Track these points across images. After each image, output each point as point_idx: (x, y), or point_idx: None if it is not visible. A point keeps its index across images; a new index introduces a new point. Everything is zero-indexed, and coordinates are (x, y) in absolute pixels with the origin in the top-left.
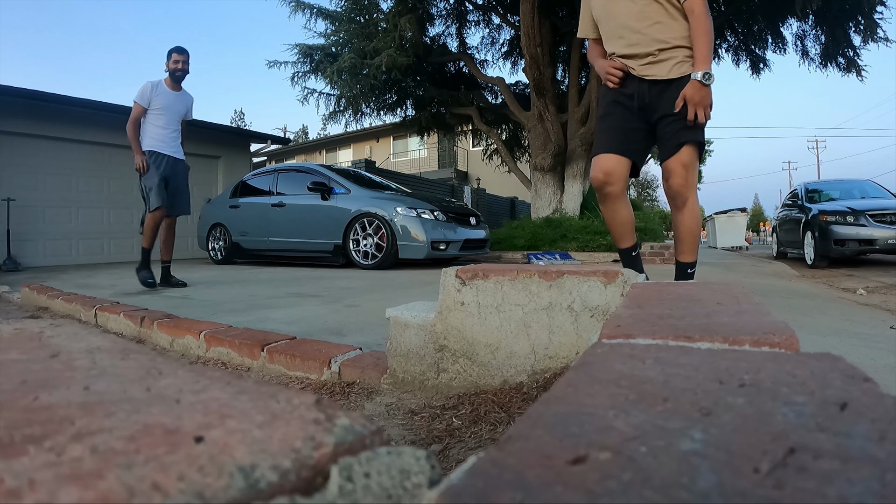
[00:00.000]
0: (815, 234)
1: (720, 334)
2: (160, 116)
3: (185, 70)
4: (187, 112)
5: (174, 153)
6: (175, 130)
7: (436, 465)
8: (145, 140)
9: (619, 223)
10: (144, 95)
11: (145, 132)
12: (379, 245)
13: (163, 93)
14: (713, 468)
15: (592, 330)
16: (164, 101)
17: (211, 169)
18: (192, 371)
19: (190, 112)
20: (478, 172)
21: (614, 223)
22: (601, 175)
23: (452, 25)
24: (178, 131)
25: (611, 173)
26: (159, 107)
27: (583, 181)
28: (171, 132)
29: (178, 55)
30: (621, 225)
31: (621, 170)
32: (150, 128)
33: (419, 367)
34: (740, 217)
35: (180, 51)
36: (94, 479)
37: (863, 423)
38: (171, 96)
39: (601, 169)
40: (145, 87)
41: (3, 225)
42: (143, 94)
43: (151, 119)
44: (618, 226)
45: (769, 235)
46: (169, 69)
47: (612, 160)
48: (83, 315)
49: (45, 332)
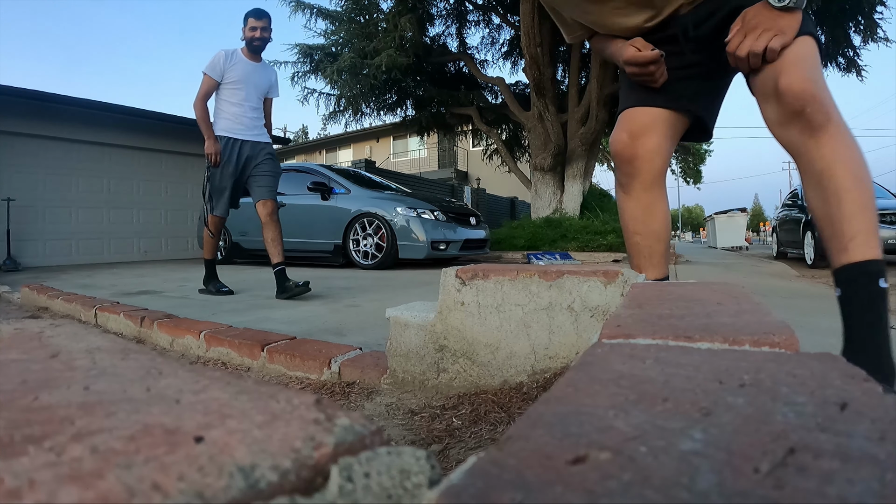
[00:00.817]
0: (816, 234)
1: (720, 334)
2: (236, 91)
3: (264, 38)
4: (271, 87)
5: (254, 136)
6: (255, 108)
7: (436, 465)
8: (218, 122)
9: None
10: (216, 66)
11: (218, 112)
12: (379, 245)
13: (239, 63)
14: (713, 468)
15: (592, 330)
16: (241, 72)
17: None
18: (192, 371)
19: (275, 88)
20: (478, 172)
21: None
22: (625, 137)
23: (452, 25)
24: (261, 110)
25: (641, 135)
26: (235, 80)
27: (583, 181)
28: (251, 110)
29: (255, 20)
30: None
31: (661, 133)
32: (224, 106)
33: (419, 367)
34: (740, 217)
35: (259, 14)
36: (94, 479)
37: (863, 423)
38: (249, 67)
39: (627, 128)
40: (217, 57)
41: (3, 225)
42: (214, 64)
43: (226, 95)
44: (644, 235)
45: (769, 235)
46: (245, 37)
47: (648, 115)
48: (83, 315)
49: (45, 332)
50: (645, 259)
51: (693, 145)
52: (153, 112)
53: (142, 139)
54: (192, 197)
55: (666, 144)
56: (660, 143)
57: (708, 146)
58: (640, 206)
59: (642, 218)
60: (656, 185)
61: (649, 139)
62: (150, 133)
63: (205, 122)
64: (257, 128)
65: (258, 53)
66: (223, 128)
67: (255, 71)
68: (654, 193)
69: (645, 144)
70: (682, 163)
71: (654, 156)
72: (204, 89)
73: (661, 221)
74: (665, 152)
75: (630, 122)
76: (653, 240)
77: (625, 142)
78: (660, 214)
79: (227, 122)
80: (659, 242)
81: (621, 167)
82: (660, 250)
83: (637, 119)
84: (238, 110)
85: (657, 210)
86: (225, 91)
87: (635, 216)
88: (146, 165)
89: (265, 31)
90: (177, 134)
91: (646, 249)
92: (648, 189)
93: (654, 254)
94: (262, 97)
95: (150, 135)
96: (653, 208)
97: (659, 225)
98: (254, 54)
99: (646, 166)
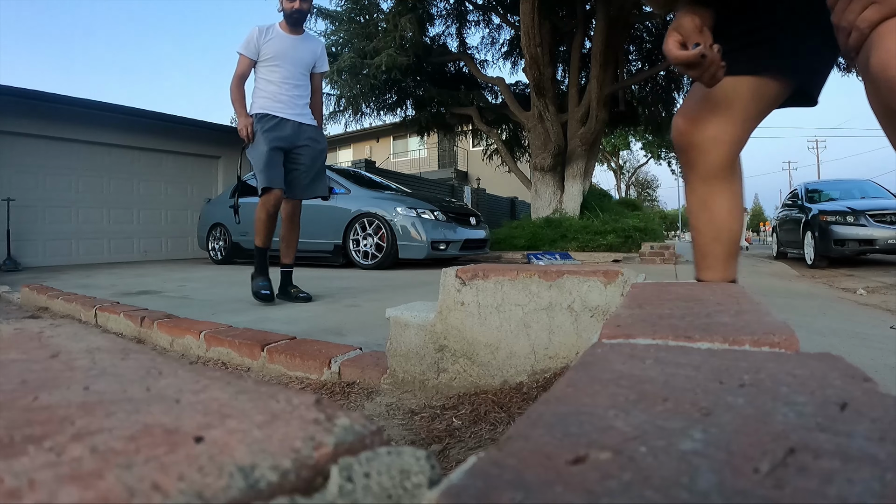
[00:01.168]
0: (815, 234)
1: (720, 334)
2: (275, 69)
3: (303, 9)
4: (316, 61)
5: (296, 116)
6: (298, 86)
7: (436, 465)
8: (255, 102)
9: (703, 226)
10: (250, 43)
11: (255, 93)
12: (379, 245)
13: (277, 37)
14: (713, 468)
15: (592, 330)
16: (279, 47)
17: (211, 169)
18: (192, 371)
19: (322, 61)
20: (478, 172)
21: (694, 223)
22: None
23: (452, 25)
24: (305, 87)
25: (701, 119)
26: (272, 55)
27: (583, 181)
28: (292, 88)
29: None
30: (707, 232)
31: (732, 113)
32: (261, 84)
33: (419, 367)
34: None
35: None
36: (94, 479)
37: (863, 423)
38: (288, 42)
39: (685, 110)
40: (251, 33)
41: (3, 225)
42: (248, 41)
43: (263, 73)
44: (700, 232)
45: (769, 235)
46: (283, 9)
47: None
48: (83, 315)
49: (45, 332)
50: (699, 258)
51: None
52: (153, 112)
53: (142, 139)
54: (193, 197)
55: (735, 128)
56: (724, 129)
57: None
58: (695, 199)
59: (697, 212)
60: (718, 177)
61: (711, 124)
62: (150, 133)
63: (238, 102)
64: (299, 107)
65: (299, 26)
66: (260, 105)
67: (295, 45)
68: (713, 185)
69: (704, 131)
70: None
71: (715, 145)
72: (239, 70)
73: (721, 218)
74: (732, 138)
75: (692, 99)
76: (709, 238)
77: (679, 128)
78: (718, 210)
79: (264, 99)
80: (716, 242)
81: (678, 155)
82: (716, 251)
83: (702, 96)
84: (276, 89)
85: (715, 204)
86: (262, 69)
87: (692, 210)
88: (146, 165)
89: (304, 1)
90: (177, 134)
91: (700, 248)
92: (706, 181)
93: (709, 255)
94: (306, 72)
95: (150, 135)
96: (710, 202)
97: (717, 221)
98: (293, 27)
99: (702, 158)
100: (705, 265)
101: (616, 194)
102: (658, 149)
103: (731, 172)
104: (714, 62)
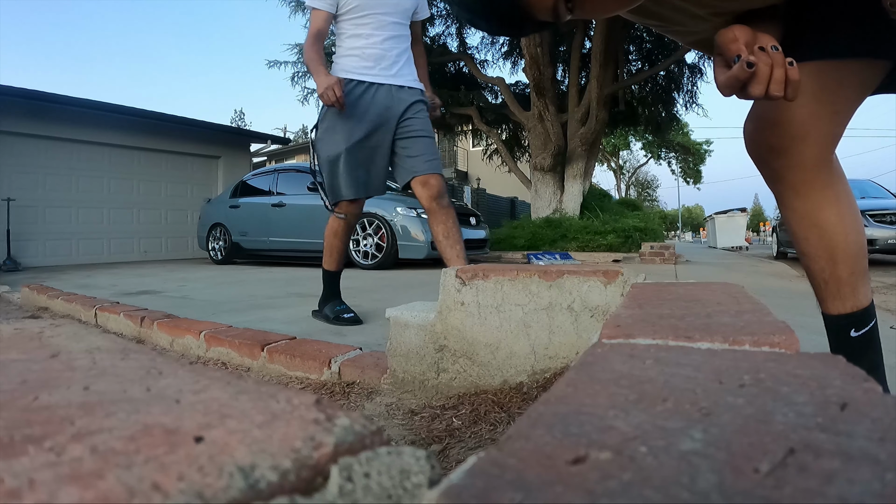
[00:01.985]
0: None
1: (720, 334)
2: (361, 21)
3: None
4: (418, 6)
5: (395, 79)
6: (393, 38)
7: (436, 465)
8: (337, 64)
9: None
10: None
11: (338, 54)
12: (379, 245)
13: None
14: (713, 468)
15: (592, 330)
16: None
17: (211, 169)
18: (192, 371)
19: (423, 6)
20: (478, 172)
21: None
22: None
23: (452, 25)
24: (405, 39)
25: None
26: (355, 5)
27: (583, 181)
28: (386, 41)
29: None
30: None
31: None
32: (345, 43)
33: (419, 368)
34: (740, 217)
35: None
36: (94, 479)
37: (863, 423)
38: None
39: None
40: None
41: (3, 225)
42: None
43: (347, 28)
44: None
45: (769, 235)
46: None
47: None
48: (83, 315)
49: (45, 332)
50: (820, 288)
51: (693, 145)
52: (153, 112)
53: (142, 139)
54: (193, 197)
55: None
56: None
57: (708, 146)
58: (795, 219)
59: (803, 234)
60: (816, 184)
61: (794, 122)
62: (150, 133)
63: (315, 62)
64: (399, 65)
65: None
66: (344, 67)
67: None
68: (812, 196)
69: (787, 130)
70: (681, 163)
71: (804, 145)
72: (315, 27)
73: (833, 231)
74: (822, 133)
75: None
76: (824, 261)
77: (752, 136)
78: (827, 223)
79: (349, 59)
80: (832, 262)
81: (759, 168)
82: (839, 274)
83: None
84: (364, 42)
85: (821, 218)
86: (345, 24)
87: (795, 233)
88: (146, 165)
89: None
90: (177, 134)
91: (817, 275)
92: (803, 193)
93: (830, 280)
94: (405, 20)
95: (150, 135)
96: (815, 217)
97: (829, 237)
98: None
99: (789, 165)
100: (829, 294)
101: (616, 194)
102: (658, 149)
103: (829, 174)
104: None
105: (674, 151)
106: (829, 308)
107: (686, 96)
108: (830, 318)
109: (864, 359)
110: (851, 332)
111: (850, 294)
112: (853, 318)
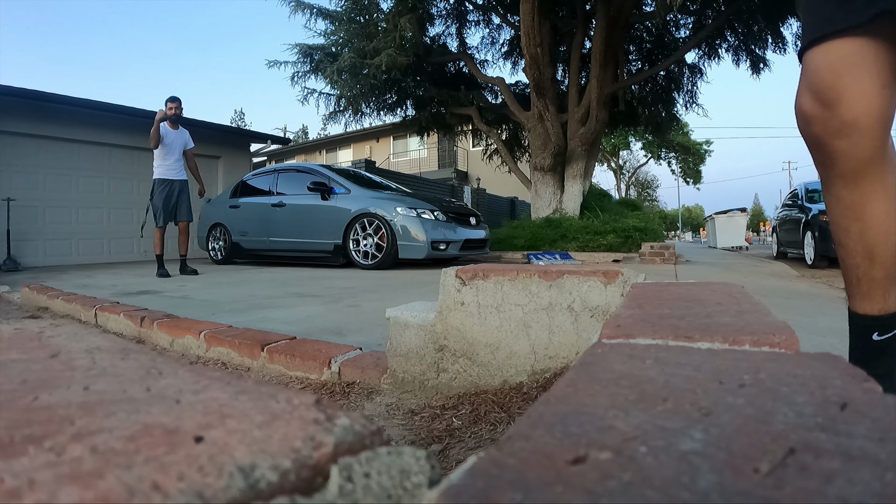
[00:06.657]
0: (815, 234)
1: (720, 334)
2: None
3: (178, 114)
4: (186, 143)
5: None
6: (177, 160)
7: (436, 465)
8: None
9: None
10: None
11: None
12: (379, 245)
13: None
14: (713, 468)
15: (592, 330)
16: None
17: (211, 169)
18: (192, 371)
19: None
20: (478, 172)
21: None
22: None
23: (452, 25)
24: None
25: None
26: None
27: (583, 181)
28: (175, 161)
29: (171, 103)
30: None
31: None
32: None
33: (419, 367)
34: (740, 217)
35: (173, 99)
36: (94, 479)
37: (863, 423)
38: (172, 135)
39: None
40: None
41: (3, 225)
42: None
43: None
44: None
45: (769, 235)
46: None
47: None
48: (83, 315)
49: (45, 332)
50: (852, 284)
51: (693, 145)
52: (153, 112)
53: (141, 139)
54: (192, 197)
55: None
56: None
57: (708, 146)
58: (840, 209)
59: (845, 225)
60: (868, 174)
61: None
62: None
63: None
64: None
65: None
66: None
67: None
68: (862, 186)
69: (846, 110)
70: (681, 163)
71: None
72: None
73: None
74: (879, 114)
75: (817, 72)
76: (861, 257)
77: (806, 114)
78: (872, 218)
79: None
80: (869, 261)
81: (811, 151)
82: (873, 274)
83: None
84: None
85: (867, 212)
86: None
87: (837, 222)
88: (146, 165)
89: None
90: None
91: (852, 270)
92: (853, 181)
93: (864, 279)
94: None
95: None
96: (860, 210)
97: (873, 234)
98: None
99: (844, 149)
100: (859, 292)
101: (616, 194)
102: (658, 149)
103: (883, 165)
104: None
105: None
106: (857, 307)
107: (686, 96)
108: (856, 317)
109: (881, 363)
110: (874, 336)
111: (880, 297)
112: (879, 322)
